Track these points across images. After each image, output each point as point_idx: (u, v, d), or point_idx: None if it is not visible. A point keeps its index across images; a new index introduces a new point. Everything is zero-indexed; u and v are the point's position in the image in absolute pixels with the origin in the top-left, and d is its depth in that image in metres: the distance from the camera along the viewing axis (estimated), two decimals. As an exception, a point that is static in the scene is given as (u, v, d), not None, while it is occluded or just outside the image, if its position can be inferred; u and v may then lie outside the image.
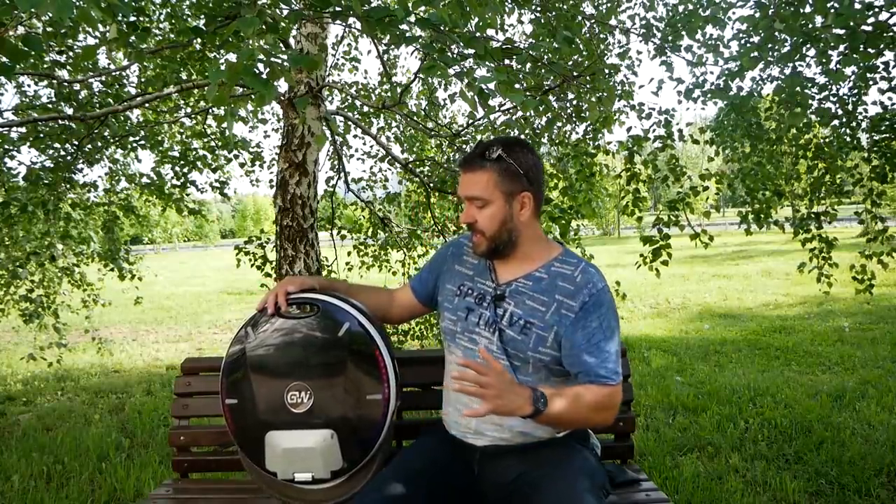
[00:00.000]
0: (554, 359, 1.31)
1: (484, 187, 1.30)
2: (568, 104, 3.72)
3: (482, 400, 1.12)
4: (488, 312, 1.36)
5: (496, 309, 1.35)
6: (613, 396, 1.27)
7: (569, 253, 1.40)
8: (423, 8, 1.52)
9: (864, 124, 3.19)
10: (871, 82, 2.95)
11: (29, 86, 3.97)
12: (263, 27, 1.33)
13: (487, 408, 1.11)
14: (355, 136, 5.06)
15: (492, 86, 1.46)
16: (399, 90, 3.41)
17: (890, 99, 2.97)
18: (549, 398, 1.17)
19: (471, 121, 4.09)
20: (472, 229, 1.35)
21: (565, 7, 3.31)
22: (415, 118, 4.40)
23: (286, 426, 1.34)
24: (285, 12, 1.55)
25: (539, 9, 3.22)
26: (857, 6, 2.23)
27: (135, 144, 4.17)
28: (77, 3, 1.09)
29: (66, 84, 3.50)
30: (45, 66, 3.38)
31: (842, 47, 2.30)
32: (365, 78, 5.45)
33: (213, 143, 4.53)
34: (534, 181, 1.33)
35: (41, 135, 3.40)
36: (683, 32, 3.33)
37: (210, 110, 4.13)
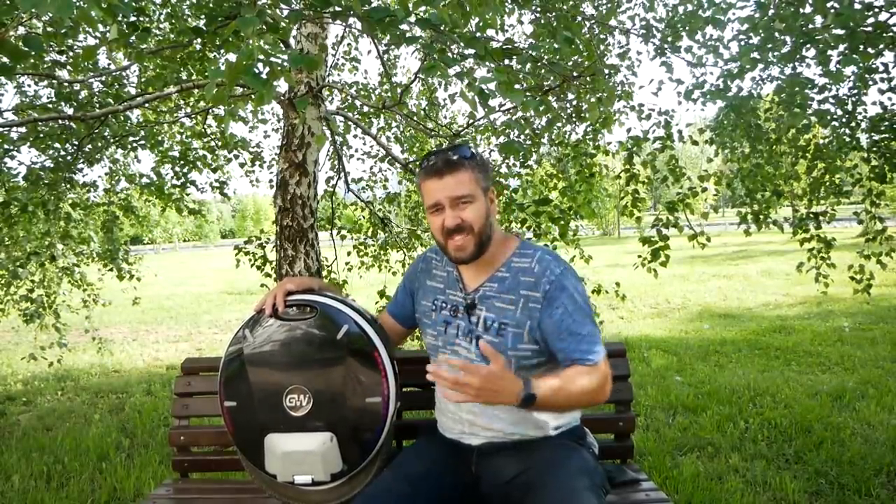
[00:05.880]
0: (534, 353, 1.33)
1: (468, 185, 1.32)
2: (568, 104, 3.72)
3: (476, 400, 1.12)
4: (463, 322, 1.39)
5: (470, 318, 1.38)
6: (597, 372, 1.26)
7: (525, 245, 1.42)
8: (423, 8, 1.52)
9: (863, 124, 3.18)
10: (870, 82, 2.95)
11: (29, 86, 3.97)
12: (263, 27, 1.33)
13: (480, 401, 1.12)
14: (355, 136, 5.06)
15: (492, 86, 1.46)
16: (399, 90, 3.41)
17: (890, 99, 2.96)
18: (535, 385, 1.16)
19: (471, 121, 4.08)
20: (459, 232, 1.33)
21: (565, 7, 3.30)
22: (415, 118, 4.40)
23: (285, 429, 1.33)
24: (285, 12, 1.54)
25: (539, 9, 3.22)
26: (857, 6, 2.23)
27: (135, 144, 4.17)
28: (77, 3, 1.09)
29: (66, 84, 3.50)
30: (45, 66, 3.38)
31: (842, 47, 2.29)
32: (365, 78, 5.44)
33: (213, 143, 4.53)
34: (492, 176, 1.41)
35: (41, 135, 3.39)
36: (683, 33, 3.33)
37: (210, 110, 4.13)
